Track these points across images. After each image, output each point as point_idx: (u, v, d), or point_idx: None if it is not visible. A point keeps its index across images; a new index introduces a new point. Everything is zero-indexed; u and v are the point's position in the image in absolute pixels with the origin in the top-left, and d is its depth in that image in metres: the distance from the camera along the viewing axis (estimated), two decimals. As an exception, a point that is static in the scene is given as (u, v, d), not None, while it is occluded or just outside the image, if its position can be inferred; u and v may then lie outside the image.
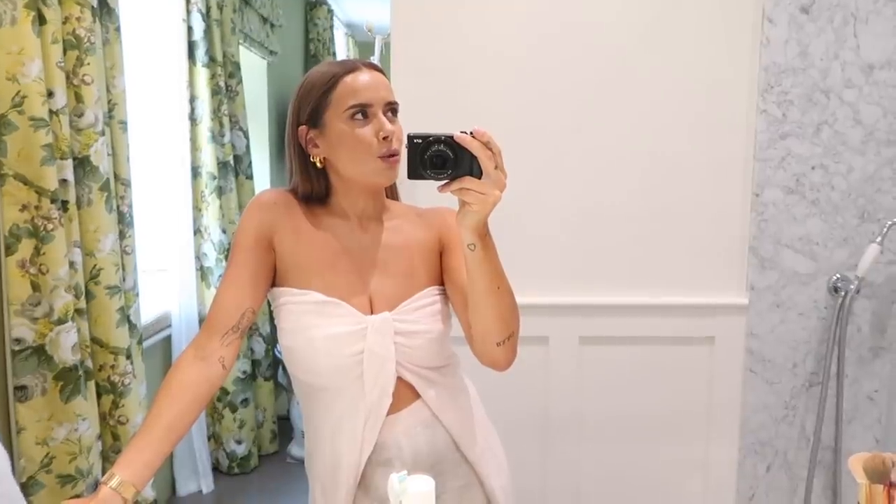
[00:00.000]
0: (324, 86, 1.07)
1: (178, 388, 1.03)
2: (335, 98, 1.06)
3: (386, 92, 1.08)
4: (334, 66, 1.09)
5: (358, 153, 1.06)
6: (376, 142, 1.05)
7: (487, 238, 0.96)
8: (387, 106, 1.08)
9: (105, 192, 1.75)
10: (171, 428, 1.00)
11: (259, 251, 1.10)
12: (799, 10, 1.77)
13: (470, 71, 1.80)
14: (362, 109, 1.05)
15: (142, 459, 0.96)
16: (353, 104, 1.05)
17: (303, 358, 1.08)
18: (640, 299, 1.85)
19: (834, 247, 1.84)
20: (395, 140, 1.06)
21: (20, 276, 1.52)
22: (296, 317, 1.08)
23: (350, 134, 1.05)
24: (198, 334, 1.09)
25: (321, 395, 1.11)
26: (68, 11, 1.63)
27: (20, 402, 1.55)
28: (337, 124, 1.06)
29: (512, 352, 1.07)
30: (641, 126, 1.82)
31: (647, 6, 1.79)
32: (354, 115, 1.05)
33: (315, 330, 1.07)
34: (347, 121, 1.05)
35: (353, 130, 1.05)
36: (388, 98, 1.08)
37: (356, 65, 1.09)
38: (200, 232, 2.69)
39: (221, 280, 1.11)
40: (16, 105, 1.49)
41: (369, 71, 1.08)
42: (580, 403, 1.89)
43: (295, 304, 1.09)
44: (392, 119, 1.08)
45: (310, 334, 1.07)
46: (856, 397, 1.89)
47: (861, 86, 1.79)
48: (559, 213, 1.84)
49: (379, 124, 1.05)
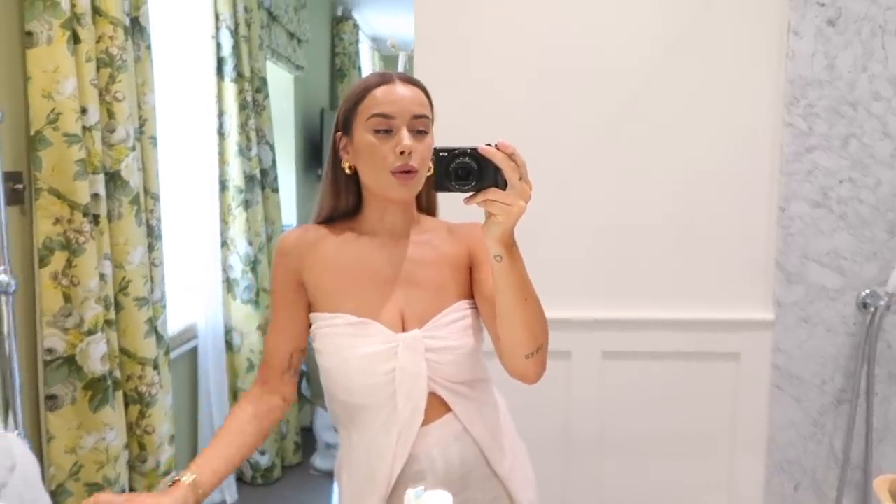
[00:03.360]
0: (357, 95, 1.09)
1: (253, 414, 1.13)
2: (363, 107, 1.07)
3: (414, 105, 1.07)
4: (373, 76, 1.10)
5: (374, 165, 1.07)
6: (393, 156, 1.05)
7: (514, 249, 0.96)
8: (413, 120, 1.06)
9: (135, 206, 1.79)
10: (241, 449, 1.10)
11: (291, 295, 1.15)
12: (826, 22, 1.76)
13: (493, 84, 1.81)
14: (385, 121, 1.05)
15: (213, 468, 1.05)
16: (374, 113, 1.06)
17: (338, 377, 1.11)
18: (664, 314, 1.84)
19: (863, 261, 1.81)
20: (416, 157, 1.06)
21: (53, 288, 1.56)
22: (329, 339, 1.11)
23: (370, 144, 1.07)
24: (261, 370, 1.19)
25: (357, 413, 1.12)
26: (102, 30, 1.68)
27: (50, 411, 1.58)
28: (362, 133, 1.08)
29: (541, 365, 1.06)
30: (666, 139, 1.81)
31: (672, 19, 1.79)
32: (377, 125, 1.06)
33: (348, 350, 1.09)
34: (371, 131, 1.07)
35: (374, 142, 1.06)
36: (416, 111, 1.07)
37: (391, 77, 1.09)
38: (227, 244, 2.72)
39: (271, 320, 1.19)
40: (51, 122, 1.53)
41: (403, 84, 1.09)
42: (603, 419, 1.88)
43: (329, 328, 1.11)
44: (418, 136, 1.07)
45: (344, 355, 1.09)
46: (886, 416, 1.85)
47: (889, 98, 1.77)
48: (583, 227, 1.84)
49: (398, 138, 1.05)
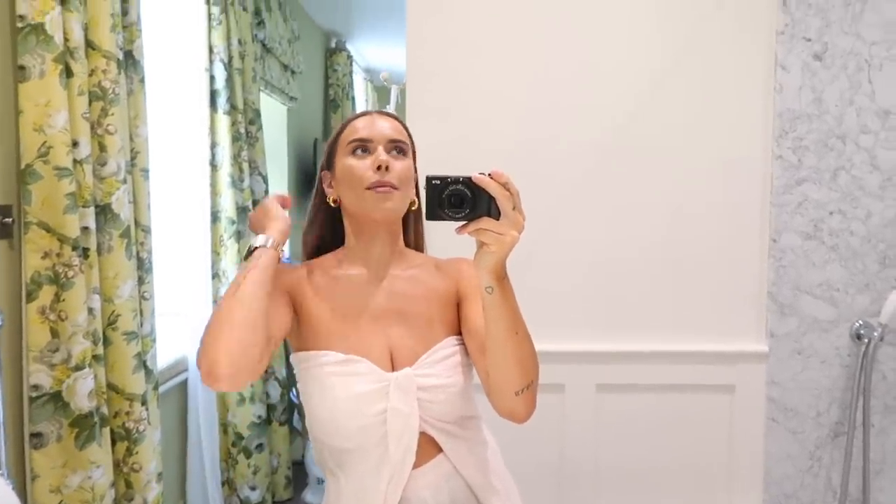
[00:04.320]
0: (338, 131, 1.15)
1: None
2: (343, 137, 1.13)
3: (388, 130, 1.12)
4: (353, 115, 1.16)
5: (352, 184, 1.09)
6: (370, 172, 1.08)
7: (505, 281, 0.96)
8: (390, 143, 1.11)
9: (125, 239, 1.77)
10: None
11: (280, 297, 1.09)
12: (812, 57, 1.78)
13: (484, 117, 1.82)
14: (362, 144, 1.10)
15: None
16: (352, 139, 1.11)
17: (326, 421, 1.07)
18: (659, 346, 1.83)
19: (855, 293, 1.81)
20: (394, 174, 1.08)
21: (40, 323, 1.54)
22: (318, 380, 1.08)
23: (348, 166, 1.10)
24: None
25: (346, 457, 1.09)
26: (95, 64, 1.68)
27: (35, 450, 1.55)
28: (342, 159, 1.12)
29: (531, 403, 1.04)
30: (657, 171, 1.82)
31: (662, 53, 1.81)
32: (355, 149, 1.10)
33: (338, 391, 1.06)
34: (349, 155, 1.11)
35: (352, 163, 1.10)
36: (392, 136, 1.11)
37: (369, 112, 1.16)
38: (219, 276, 2.71)
39: None
40: (41, 155, 1.53)
41: (381, 116, 1.14)
42: (597, 452, 1.86)
43: (317, 367, 1.08)
44: (395, 156, 1.11)
45: (333, 395, 1.06)
46: (883, 448, 1.84)
47: (877, 131, 1.79)
48: (575, 259, 1.84)
49: (376, 156, 1.09)
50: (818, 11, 1.77)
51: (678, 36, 1.80)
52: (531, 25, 1.80)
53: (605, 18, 1.80)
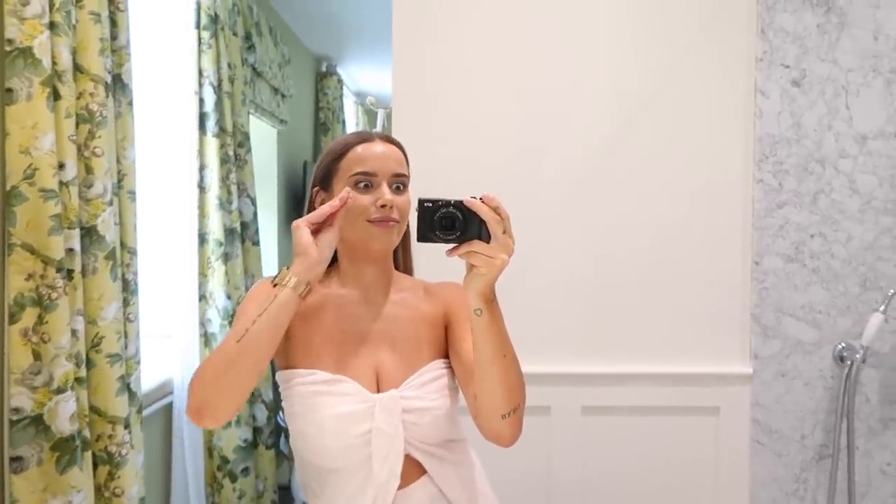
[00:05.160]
0: (337, 152, 1.12)
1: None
2: (344, 164, 1.10)
3: (394, 164, 1.11)
4: (352, 136, 1.14)
5: (353, 217, 1.09)
6: (373, 208, 1.08)
7: (494, 304, 0.97)
8: (393, 178, 1.10)
9: (110, 261, 1.77)
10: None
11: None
12: (790, 83, 1.82)
13: (470, 141, 1.84)
14: (366, 178, 1.08)
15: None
16: (357, 171, 1.09)
17: (312, 439, 1.07)
18: (643, 368, 1.84)
19: (837, 315, 1.83)
20: (396, 210, 1.09)
21: (22, 345, 1.53)
22: (304, 399, 1.08)
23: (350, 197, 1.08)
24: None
25: (330, 478, 1.09)
26: (82, 87, 1.69)
27: (15, 474, 1.53)
28: (342, 189, 1.10)
29: (518, 426, 1.05)
30: (640, 196, 1.84)
31: (644, 80, 1.84)
32: (358, 182, 1.09)
33: (324, 410, 1.06)
34: (351, 186, 1.09)
35: (354, 195, 1.08)
36: (396, 170, 1.11)
37: (371, 136, 1.13)
38: (206, 298, 2.70)
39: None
40: (27, 177, 1.53)
41: (383, 143, 1.13)
42: (583, 475, 1.85)
43: (303, 386, 1.09)
44: (398, 192, 1.11)
45: (319, 415, 1.06)
46: (868, 470, 1.84)
47: (856, 155, 1.82)
48: (560, 282, 1.85)
49: (380, 193, 1.08)
50: (795, 39, 1.81)
51: (661, 62, 1.84)
52: (514, 52, 1.83)
53: (588, 44, 1.83)
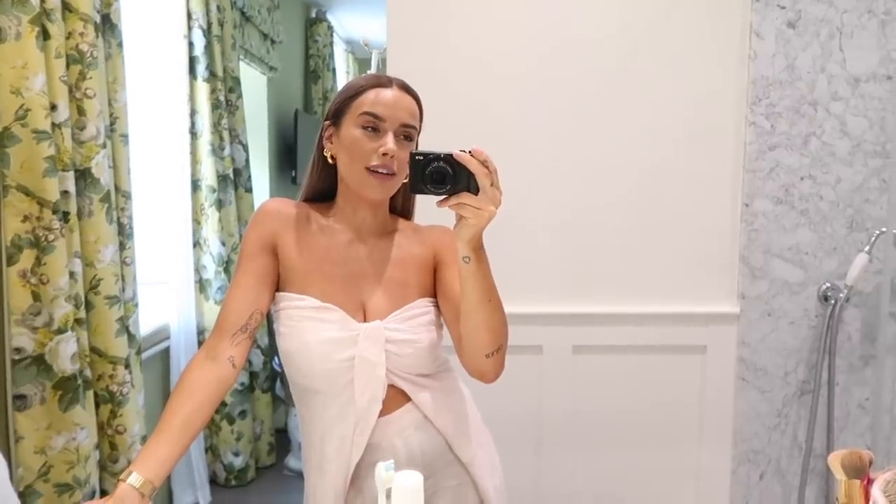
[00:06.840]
0: (353, 90, 1.12)
1: (189, 387, 1.06)
2: (356, 103, 1.11)
3: (404, 114, 1.11)
4: (371, 77, 1.14)
5: (354, 159, 1.10)
6: (375, 155, 1.08)
7: (481, 252, 1.01)
8: (401, 127, 1.10)
9: (106, 204, 1.78)
10: (185, 425, 1.02)
11: (263, 258, 1.14)
12: (786, 24, 1.81)
13: (464, 84, 1.83)
14: (374, 122, 1.09)
15: (157, 456, 0.98)
16: (365, 111, 1.09)
17: (298, 361, 1.11)
18: (633, 308, 1.88)
19: (823, 256, 1.86)
20: (397, 161, 1.09)
21: (21, 286, 1.55)
22: (294, 322, 1.12)
23: (354, 138, 1.10)
24: (209, 337, 1.12)
25: (314, 399, 1.13)
26: (72, 27, 1.67)
27: (19, 412, 1.57)
28: (350, 127, 1.11)
29: (500, 364, 1.11)
30: (632, 138, 1.85)
31: (636, 21, 1.83)
32: (366, 123, 1.09)
33: (310, 334, 1.10)
34: (358, 126, 1.10)
35: (359, 136, 1.09)
36: (405, 120, 1.11)
37: (389, 82, 1.13)
38: (200, 244, 2.71)
39: (230, 286, 1.15)
40: (19, 118, 1.52)
41: (399, 91, 1.12)
42: (574, 411, 1.91)
43: (293, 309, 1.12)
44: (402, 142, 1.11)
45: (305, 338, 1.10)
46: (847, 405, 1.91)
47: (848, 98, 1.83)
48: (551, 224, 1.87)
49: (384, 140, 1.09)
50: (792, -21, 1.79)
51: (655, 3, 1.82)
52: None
53: (584, -15, 1.81)
